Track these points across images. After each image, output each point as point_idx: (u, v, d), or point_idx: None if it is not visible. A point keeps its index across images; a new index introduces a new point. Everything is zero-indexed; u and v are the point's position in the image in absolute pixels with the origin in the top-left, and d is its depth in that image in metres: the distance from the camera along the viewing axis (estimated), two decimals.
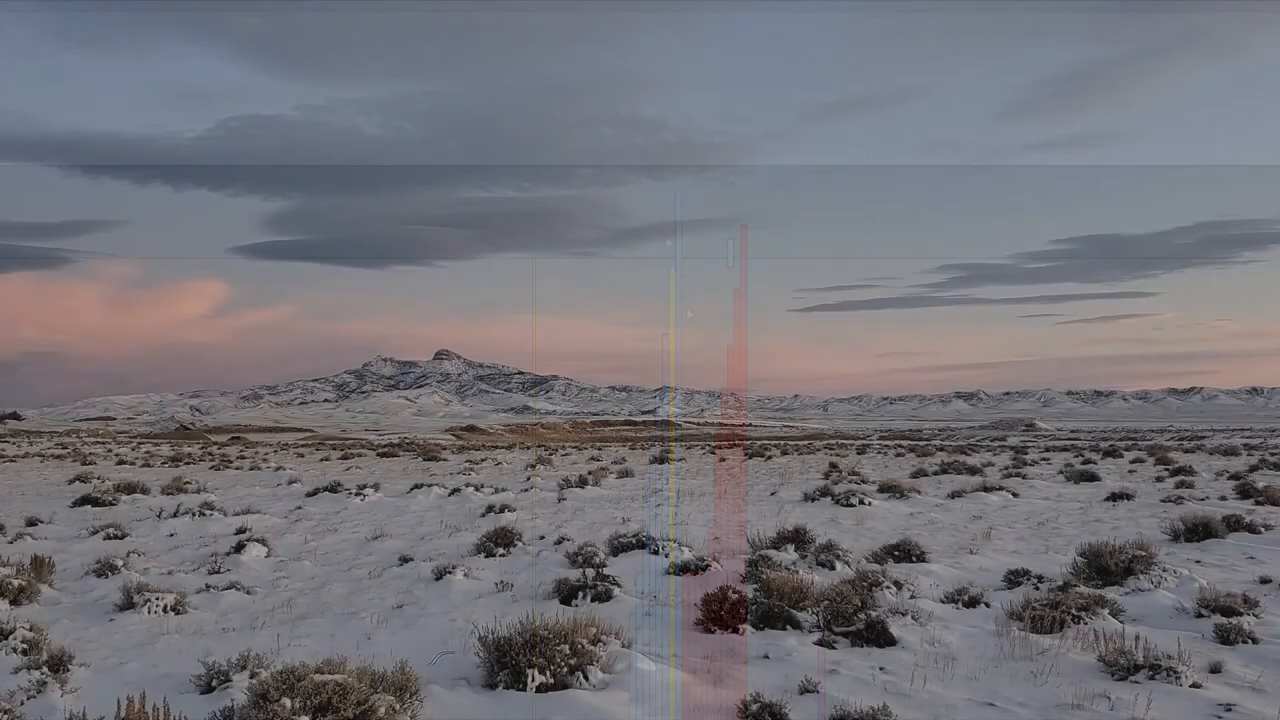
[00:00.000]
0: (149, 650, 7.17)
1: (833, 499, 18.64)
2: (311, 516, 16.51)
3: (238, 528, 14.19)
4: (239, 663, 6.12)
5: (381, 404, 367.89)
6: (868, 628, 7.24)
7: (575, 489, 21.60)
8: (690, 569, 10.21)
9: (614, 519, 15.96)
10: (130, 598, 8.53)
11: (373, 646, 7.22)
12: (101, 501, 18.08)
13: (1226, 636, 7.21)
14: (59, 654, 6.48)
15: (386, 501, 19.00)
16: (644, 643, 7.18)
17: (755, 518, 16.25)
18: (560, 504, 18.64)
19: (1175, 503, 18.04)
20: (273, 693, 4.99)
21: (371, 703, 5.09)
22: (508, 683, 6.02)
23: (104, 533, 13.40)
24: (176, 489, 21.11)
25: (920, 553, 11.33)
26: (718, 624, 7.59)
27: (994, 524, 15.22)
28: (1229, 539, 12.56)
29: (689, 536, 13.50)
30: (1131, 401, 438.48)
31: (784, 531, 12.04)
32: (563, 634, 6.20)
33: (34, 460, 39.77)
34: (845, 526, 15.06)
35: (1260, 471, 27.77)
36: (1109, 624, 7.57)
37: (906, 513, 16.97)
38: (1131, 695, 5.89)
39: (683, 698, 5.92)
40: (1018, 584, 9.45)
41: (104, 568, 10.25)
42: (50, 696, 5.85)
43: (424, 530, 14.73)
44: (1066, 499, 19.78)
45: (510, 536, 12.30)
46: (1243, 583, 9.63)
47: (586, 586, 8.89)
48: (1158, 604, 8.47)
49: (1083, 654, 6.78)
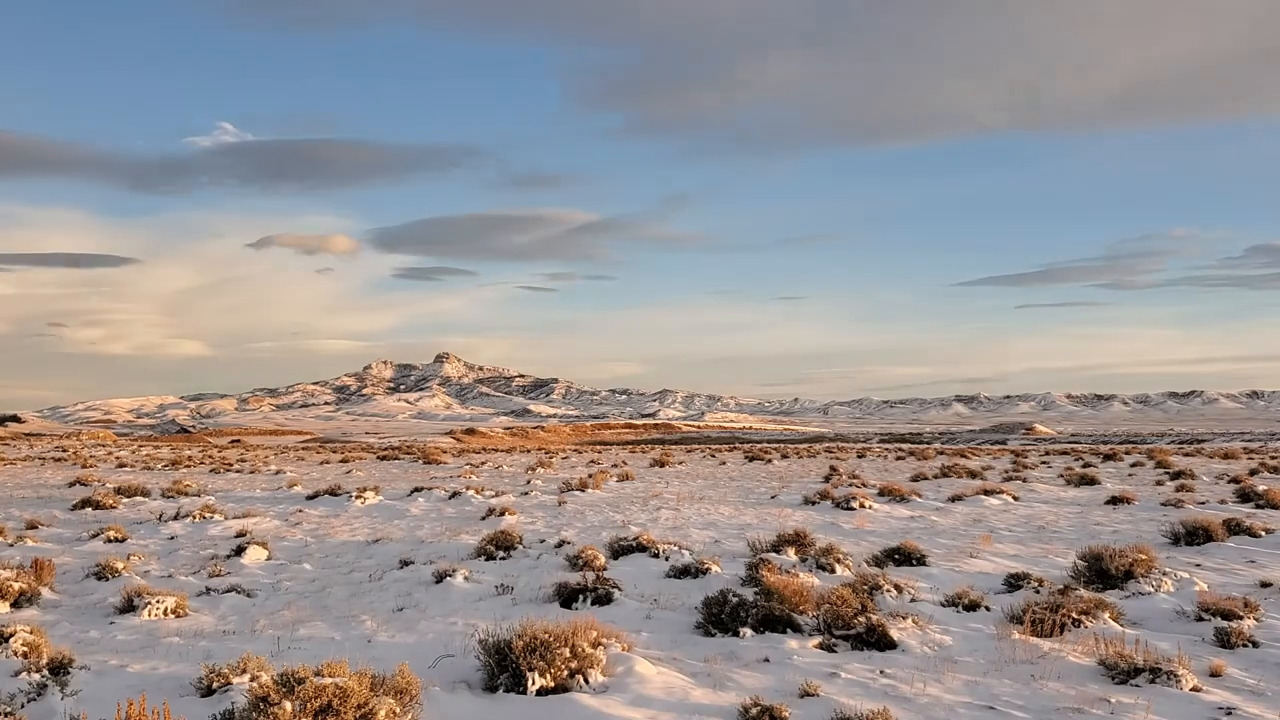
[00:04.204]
0: (149, 653, 7.16)
1: (832, 502, 18.65)
2: (311, 519, 16.50)
3: (238, 531, 14.20)
4: (239, 666, 6.11)
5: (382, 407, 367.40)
6: (868, 631, 7.24)
7: (575, 492, 21.60)
8: (690, 572, 10.22)
9: (614, 522, 15.96)
10: (130, 601, 8.53)
11: (373, 650, 7.23)
12: (101, 504, 18.08)
13: (1226, 640, 7.20)
14: (59, 657, 6.47)
15: (386, 505, 18.99)
16: (644, 646, 7.19)
17: (755, 521, 16.26)
18: (560, 507, 18.63)
19: (1175, 506, 18.04)
20: (273, 696, 4.99)
21: (372, 706, 5.10)
22: (508, 686, 6.02)
23: (104, 536, 13.40)
24: (177, 492, 21.11)
25: (920, 556, 11.33)
26: (718, 627, 7.59)
27: (994, 527, 15.21)
28: (1229, 543, 12.55)
29: (689, 540, 13.50)
30: (1131, 405, 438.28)
31: (784, 535, 12.04)
32: (563, 637, 6.20)
33: (34, 463, 39.76)
34: (845, 530, 15.06)
35: (1260, 475, 27.77)
36: (1109, 627, 7.58)
37: (906, 516, 16.97)
38: (1132, 699, 5.89)
39: (683, 701, 5.92)
40: (1018, 587, 9.45)
41: (104, 570, 10.24)
42: (50, 699, 5.84)
43: (424, 533, 14.73)
44: (1066, 502, 19.78)
45: (510, 540, 12.30)
46: (1243, 587, 9.63)
47: (587, 590, 8.89)
48: (1158, 607, 8.47)
49: (1083, 657, 6.78)
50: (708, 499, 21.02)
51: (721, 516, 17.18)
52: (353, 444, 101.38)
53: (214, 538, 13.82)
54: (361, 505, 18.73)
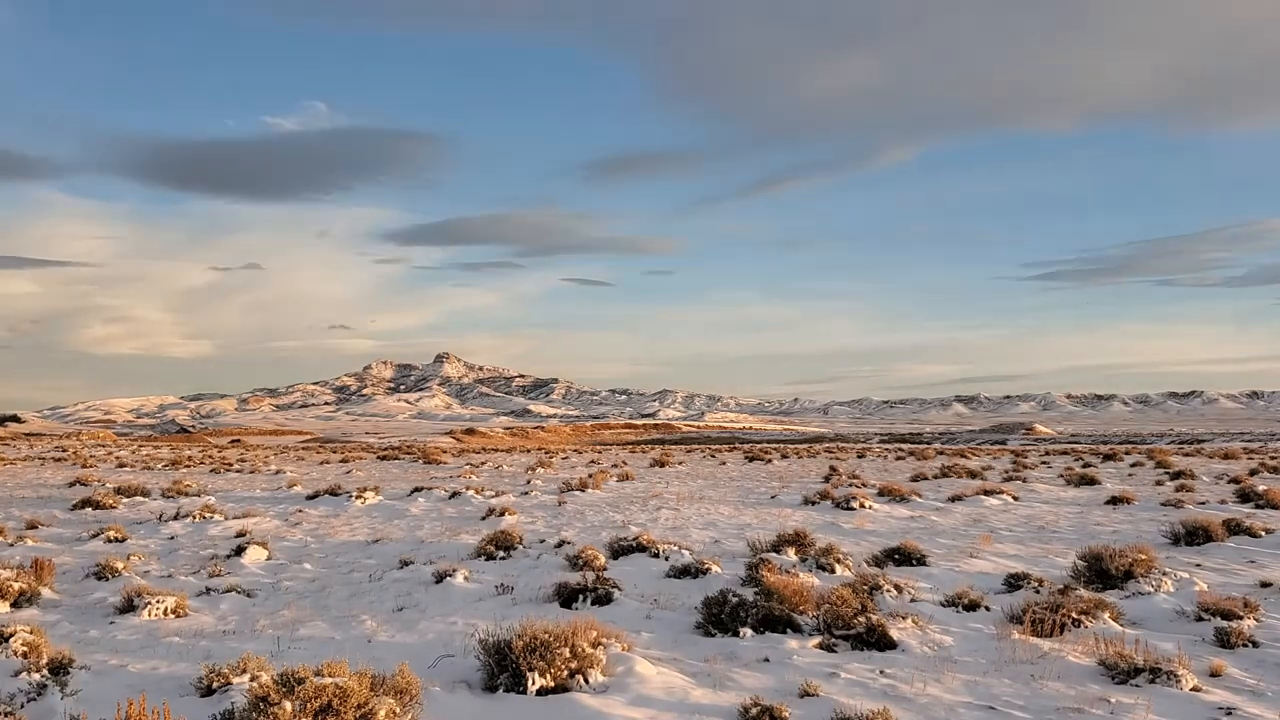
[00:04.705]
0: (149, 653, 7.16)
1: (832, 502, 18.65)
2: (311, 519, 16.50)
3: (238, 531, 14.20)
4: (239, 666, 6.11)
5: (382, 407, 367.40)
6: (868, 631, 7.23)
7: (575, 492, 21.60)
8: (690, 572, 10.22)
9: (614, 522, 15.96)
10: (130, 600, 8.53)
11: (373, 649, 7.23)
12: (101, 504, 18.08)
13: (1226, 640, 7.20)
14: (59, 657, 6.47)
15: (386, 505, 18.99)
16: (644, 646, 7.19)
17: (755, 521, 16.26)
18: (560, 507, 18.63)
19: (1175, 506, 18.03)
20: (273, 696, 4.99)
21: (372, 706, 5.09)
22: (508, 686, 6.02)
23: (104, 536, 13.40)
24: (177, 492, 21.11)
25: (920, 556, 11.33)
26: (718, 627, 7.59)
27: (994, 527, 15.21)
28: (1229, 543, 12.54)
29: (689, 540, 13.50)
30: (1131, 405, 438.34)
31: (784, 535, 12.04)
32: (563, 637, 6.20)
33: (34, 463, 39.76)
34: (845, 530, 15.05)
35: (1260, 475, 27.76)
36: (1109, 627, 7.58)
37: (906, 516, 16.97)
38: (1132, 699, 5.89)
39: (683, 701, 5.92)
40: (1018, 587, 9.44)
41: (104, 570, 10.24)
42: (50, 699, 5.84)
43: (424, 533, 14.72)
44: (1066, 502, 19.77)
45: (510, 540, 12.29)
46: (1243, 587, 9.63)
47: (587, 589, 8.89)
48: (1158, 607, 8.47)
49: (1083, 657, 6.78)
50: (708, 499, 21.02)
51: (721, 516, 17.17)
52: (353, 444, 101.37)
53: (214, 538, 13.82)
54: (361, 505, 18.73)
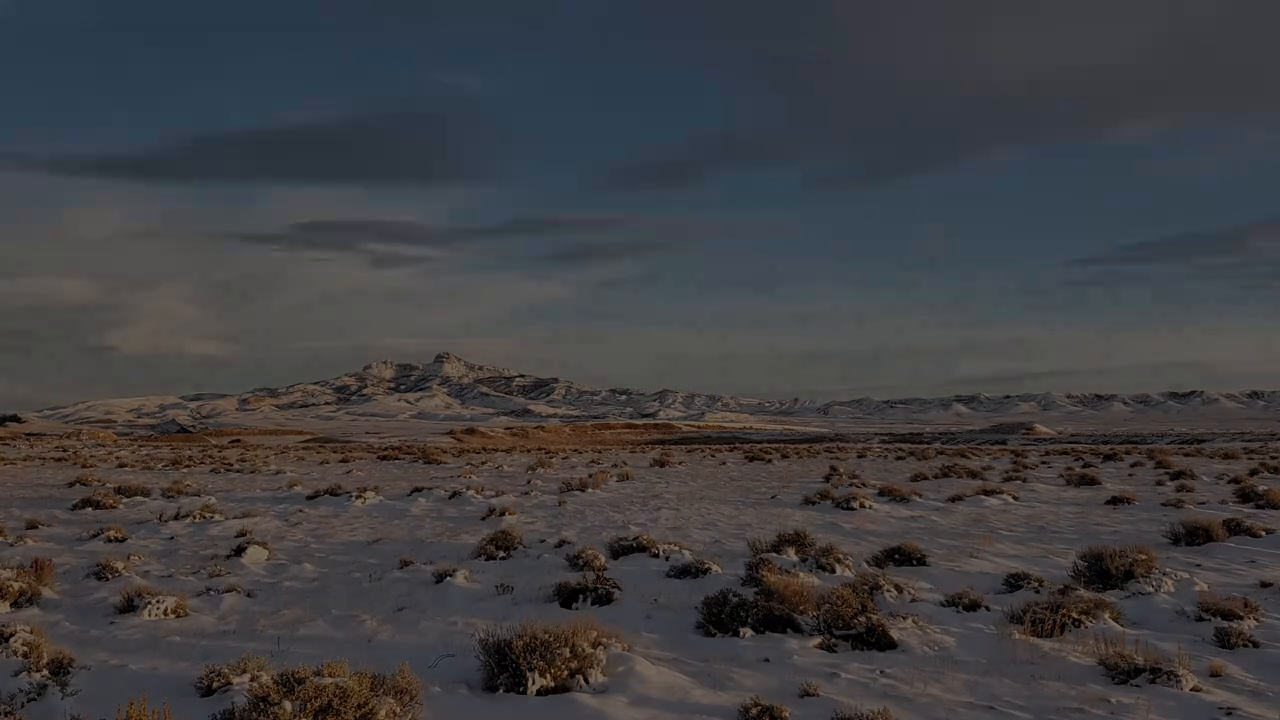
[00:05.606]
0: (149, 653, 7.16)
1: (833, 502, 18.65)
2: (312, 519, 16.50)
3: (238, 531, 14.20)
4: (239, 666, 6.11)
5: (382, 407, 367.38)
6: (868, 631, 7.23)
7: (575, 492, 21.60)
8: (690, 572, 10.22)
9: (614, 522, 15.96)
10: (130, 600, 8.52)
11: (373, 649, 7.22)
12: (102, 504, 18.08)
13: (1227, 640, 7.20)
14: (59, 657, 6.47)
15: (387, 505, 18.99)
16: (645, 646, 7.19)
17: (755, 521, 16.26)
18: (560, 507, 18.63)
19: (1175, 507, 18.03)
20: (273, 696, 4.99)
21: (372, 706, 5.09)
22: (508, 685, 6.02)
23: (104, 535, 13.40)
24: (177, 492, 21.11)
25: (920, 556, 11.33)
26: (718, 627, 7.59)
27: (994, 527, 15.21)
28: (1229, 543, 12.54)
29: (689, 540, 13.50)
30: (1132, 405, 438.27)
31: (784, 535, 12.04)
32: (563, 637, 6.20)
33: (34, 463, 39.76)
34: (845, 530, 15.05)
35: (1260, 475, 27.75)
36: (1109, 627, 7.57)
37: (906, 516, 16.97)
38: (1132, 699, 5.89)
39: (683, 701, 5.92)
40: (1018, 587, 9.45)
41: (104, 570, 10.24)
42: (51, 699, 5.84)
43: (424, 533, 14.73)
44: (1066, 503, 19.77)
45: (511, 540, 12.29)
46: (1243, 587, 9.63)
47: (587, 589, 8.89)
48: (1158, 608, 8.47)
49: (1083, 657, 6.78)
50: (708, 499, 21.01)
51: (722, 516, 17.17)
52: (353, 444, 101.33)
53: (214, 538, 13.82)
54: (362, 505, 18.73)
